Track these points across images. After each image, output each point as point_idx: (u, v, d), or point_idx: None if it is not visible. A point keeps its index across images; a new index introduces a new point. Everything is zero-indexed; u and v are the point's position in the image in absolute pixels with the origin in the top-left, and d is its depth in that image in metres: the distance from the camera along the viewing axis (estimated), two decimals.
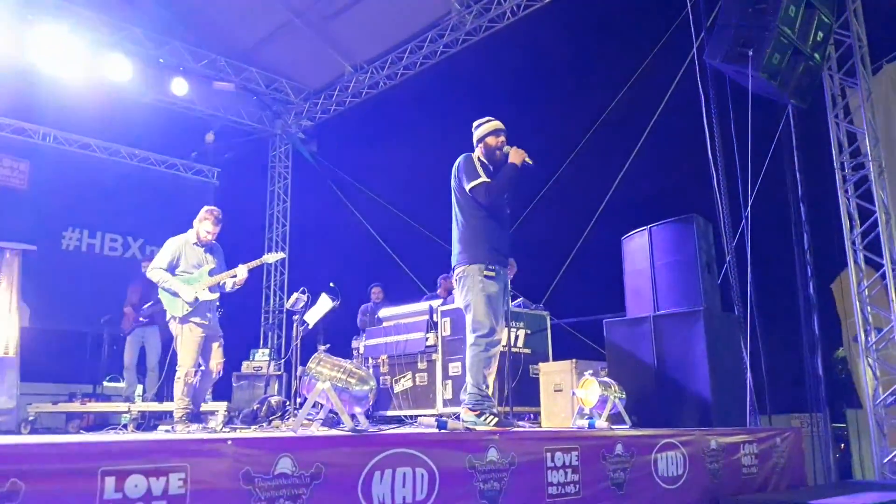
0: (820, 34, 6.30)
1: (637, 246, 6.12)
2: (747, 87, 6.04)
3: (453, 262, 4.48)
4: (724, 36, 6.15)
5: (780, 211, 7.07)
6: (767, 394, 6.17)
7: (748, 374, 5.87)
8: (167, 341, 7.88)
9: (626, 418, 4.86)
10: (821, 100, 6.71)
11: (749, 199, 6.19)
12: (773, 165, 6.59)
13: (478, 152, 4.57)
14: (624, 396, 4.87)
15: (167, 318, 5.59)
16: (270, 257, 6.10)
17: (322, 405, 3.71)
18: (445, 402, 6.25)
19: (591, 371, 4.98)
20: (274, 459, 2.68)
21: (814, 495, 4.56)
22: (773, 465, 4.95)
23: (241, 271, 5.64)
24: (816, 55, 6.38)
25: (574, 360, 5.46)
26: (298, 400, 5.59)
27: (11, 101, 9.57)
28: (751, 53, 5.94)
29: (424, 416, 6.03)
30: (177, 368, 5.46)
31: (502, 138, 4.55)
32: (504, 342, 4.67)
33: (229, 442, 2.65)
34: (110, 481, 2.30)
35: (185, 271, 5.55)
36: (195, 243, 5.66)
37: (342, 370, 3.59)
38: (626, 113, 7.95)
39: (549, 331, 6.73)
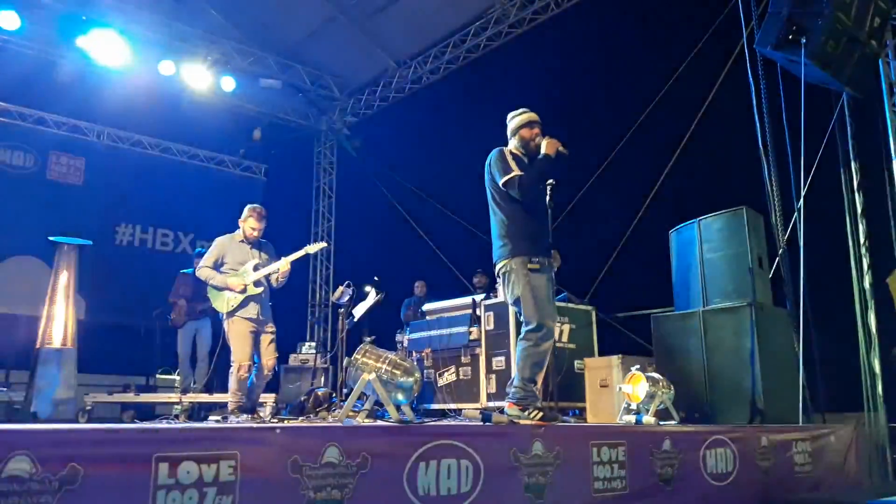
0: (877, 20, 6.07)
1: (685, 239, 6.03)
2: (799, 75, 5.86)
3: (494, 257, 4.45)
4: (775, 23, 5.96)
5: (835, 202, 6.84)
6: (822, 391, 5.99)
7: (801, 371, 5.71)
8: (218, 333, 8.07)
9: (675, 414, 4.78)
10: (878, 88, 6.48)
11: (802, 190, 6.01)
12: (826, 155, 6.38)
13: (512, 145, 4.55)
14: (672, 392, 4.79)
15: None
16: (312, 248, 6.11)
17: (368, 396, 3.74)
18: (489, 397, 6.25)
19: (637, 366, 4.92)
20: (321, 448, 2.72)
21: (870, 495, 4.44)
22: (827, 464, 4.82)
23: (283, 264, 5.72)
24: (873, 42, 6.15)
25: (620, 356, 5.41)
26: (345, 391, 5.66)
27: (68, 100, 9.89)
28: (803, 41, 5.75)
29: (468, 409, 6.04)
30: (231, 363, 5.58)
31: (536, 130, 4.50)
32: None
33: (278, 431, 2.70)
34: (164, 467, 2.37)
35: (231, 268, 5.67)
36: (242, 241, 5.77)
37: (387, 361, 3.62)
38: (675, 103, 7.79)
39: (594, 326, 6.66)
